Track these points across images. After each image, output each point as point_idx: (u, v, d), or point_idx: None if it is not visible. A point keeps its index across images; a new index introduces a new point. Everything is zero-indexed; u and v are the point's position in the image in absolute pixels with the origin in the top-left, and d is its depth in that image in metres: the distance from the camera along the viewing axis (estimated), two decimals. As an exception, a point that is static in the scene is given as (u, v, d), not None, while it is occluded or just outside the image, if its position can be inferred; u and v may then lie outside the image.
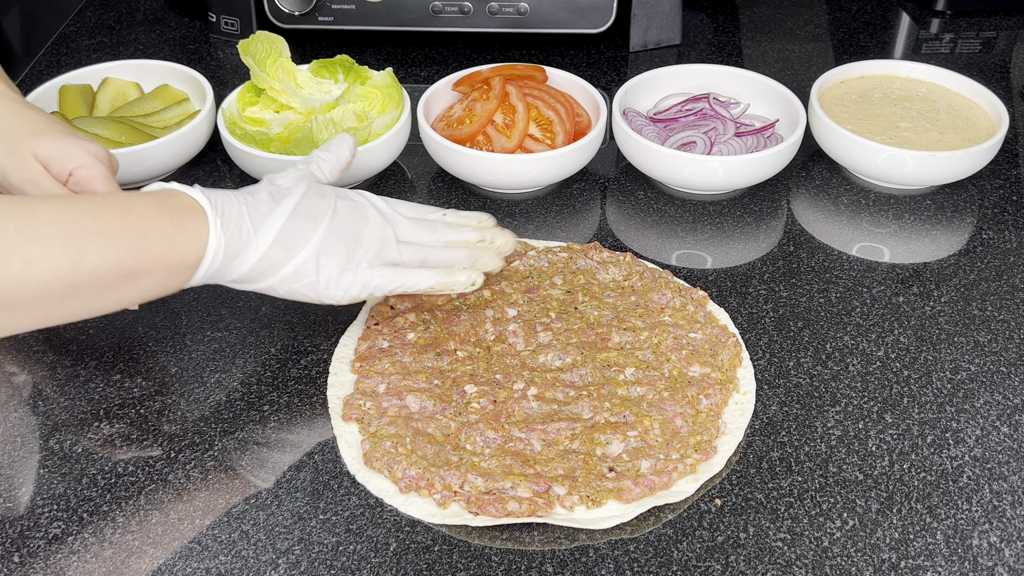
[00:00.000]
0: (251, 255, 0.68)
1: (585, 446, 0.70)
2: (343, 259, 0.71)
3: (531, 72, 1.01)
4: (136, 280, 0.64)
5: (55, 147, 0.75)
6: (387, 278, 0.72)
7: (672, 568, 0.64)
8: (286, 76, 0.96)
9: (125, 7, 1.28)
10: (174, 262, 0.65)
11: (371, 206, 0.74)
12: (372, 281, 0.72)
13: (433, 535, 0.66)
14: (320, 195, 0.73)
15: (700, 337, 0.78)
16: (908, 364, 0.79)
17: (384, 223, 0.74)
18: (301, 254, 0.70)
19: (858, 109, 1.00)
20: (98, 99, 1.01)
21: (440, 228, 0.76)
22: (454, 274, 0.75)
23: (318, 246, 0.70)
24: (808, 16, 1.28)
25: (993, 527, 0.67)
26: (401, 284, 0.73)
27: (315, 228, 0.70)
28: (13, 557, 0.65)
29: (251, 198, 0.70)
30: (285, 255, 0.69)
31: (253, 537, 0.66)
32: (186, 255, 0.66)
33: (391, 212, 0.75)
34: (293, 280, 0.70)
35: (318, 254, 0.70)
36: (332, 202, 0.72)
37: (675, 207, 0.95)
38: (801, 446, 0.72)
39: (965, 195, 0.97)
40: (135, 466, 0.71)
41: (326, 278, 0.71)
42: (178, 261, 0.66)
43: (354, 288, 0.72)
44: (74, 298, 0.62)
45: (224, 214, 0.67)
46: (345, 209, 0.72)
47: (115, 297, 0.65)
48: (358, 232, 0.72)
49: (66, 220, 0.62)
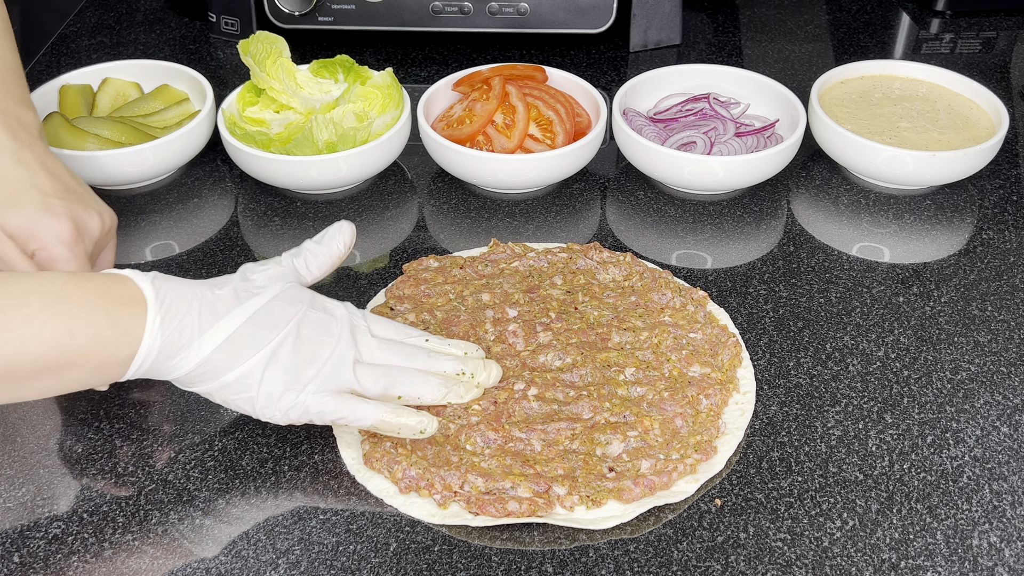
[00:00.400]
0: (191, 358, 0.63)
1: (585, 446, 0.70)
2: (289, 377, 0.65)
3: (531, 72, 1.01)
4: (58, 374, 0.60)
5: (19, 224, 0.71)
6: (329, 406, 0.66)
7: (672, 568, 0.64)
8: (286, 76, 0.96)
9: (125, 7, 1.28)
10: (101, 358, 0.61)
11: (344, 323, 0.68)
12: (313, 408, 0.66)
13: (433, 535, 0.66)
14: (290, 301, 0.67)
15: (700, 337, 0.78)
16: (908, 364, 0.79)
17: (349, 343, 0.67)
18: (247, 364, 0.64)
19: (858, 109, 1.00)
20: (98, 99, 1.01)
21: (416, 354, 0.70)
22: (402, 415, 0.67)
23: (267, 358, 0.65)
24: (808, 16, 1.28)
25: (993, 527, 0.67)
26: (342, 416, 0.66)
27: (269, 338, 0.65)
28: (13, 557, 0.65)
29: (211, 292, 0.65)
30: (229, 362, 0.64)
31: (253, 537, 0.66)
32: (116, 351, 0.61)
33: (363, 330, 0.69)
34: (233, 390, 0.65)
35: (264, 367, 0.65)
36: (300, 312, 0.67)
37: (675, 207, 0.95)
38: (801, 446, 0.72)
39: (965, 195, 0.97)
40: (135, 466, 0.71)
41: (267, 395, 0.65)
42: (106, 357, 0.61)
43: (294, 411, 0.66)
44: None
45: (168, 310, 0.63)
46: (312, 322, 0.67)
47: (37, 387, 0.61)
48: (315, 351, 0.66)
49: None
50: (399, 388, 0.69)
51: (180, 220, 0.94)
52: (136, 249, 0.90)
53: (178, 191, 0.97)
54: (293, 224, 0.93)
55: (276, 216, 0.94)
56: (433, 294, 0.83)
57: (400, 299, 0.82)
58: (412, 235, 0.92)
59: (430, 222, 0.94)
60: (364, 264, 0.89)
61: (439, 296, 0.82)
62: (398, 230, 0.93)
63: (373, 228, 0.93)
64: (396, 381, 0.68)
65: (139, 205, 0.95)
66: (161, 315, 0.62)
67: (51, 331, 0.59)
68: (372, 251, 0.91)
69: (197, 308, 0.64)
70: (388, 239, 0.92)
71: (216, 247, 0.90)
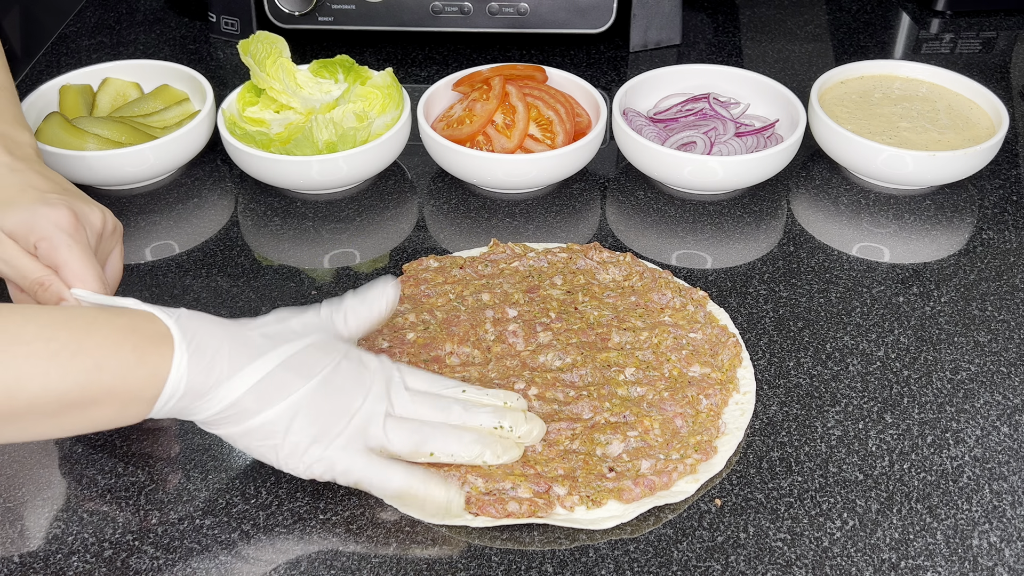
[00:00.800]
0: (220, 399, 0.61)
1: (585, 446, 0.70)
2: (318, 429, 0.62)
3: (531, 72, 1.01)
4: (83, 411, 0.58)
5: (18, 220, 0.69)
6: (356, 465, 0.63)
7: (672, 568, 0.64)
8: (286, 76, 0.96)
9: (125, 7, 1.28)
10: (128, 396, 0.59)
11: (378, 375, 0.65)
12: (338, 465, 0.63)
13: (433, 535, 0.66)
14: (325, 350, 0.64)
15: (700, 337, 0.78)
16: (908, 364, 0.79)
17: (381, 396, 0.64)
18: (274, 409, 0.61)
19: (858, 109, 1.00)
20: (98, 99, 1.01)
21: (451, 406, 0.67)
22: (431, 486, 0.64)
23: (296, 405, 0.62)
24: (808, 16, 1.28)
25: (993, 527, 0.67)
26: (369, 477, 0.64)
27: (301, 384, 0.62)
28: (13, 557, 0.65)
29: (244, 333, 0.62)
30: (257, 406, 0.61)
31: (253, 537, 0.66)
32: (143, 389, 0.59)
33: (397, 383, 0.66)
34: (257, 436, 0.62)
35: (294, 415, 0.62)
36: (335, 361, 0.64)
37: (675, 207, 0.95)
38: (801, 446, 0.72)
39: (965, 195, 0.97)
40: (135, 466, 0.71)
41: (292, 445, 0.62)
42: (133, 395, 0.59)
43: (318, 466, 0.63)
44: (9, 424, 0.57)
45: (197, 350, 0.60)
46: (344, 372, 0.64)
47: (61, 424, 0.59)
48: (348, 403, 0.63)
49: (15, 341, 0.56)
50: (431, 445, 0.65)
51: (180, 220, 0.94)
52: (136, 249, 0.90)
53: (178, 191, 0.97)
54: (293, 224, 0.93)
55: (276, 216, 0.94)
56: (433, 294, 0.83)
57: (400, 299, 0.82)
58: (412, 235, 0.92)
59: (430, 222, 0.94)
60: (364, 264, 0.89)
61: (439, 296, 0.82)
62: (398, 230, 0.93)
63: (373, 228, 0.93)
64: (428, 438, 0.65)
65: (139, 205, 0.95)
66: (189, 354, 0.60)
67: (78, 366, 0.57)
68: (372, 251, 0.91)
69: (228, 349, 0.61)
70: (388, 239, 0.92)
71: (216, 247, 0.90)
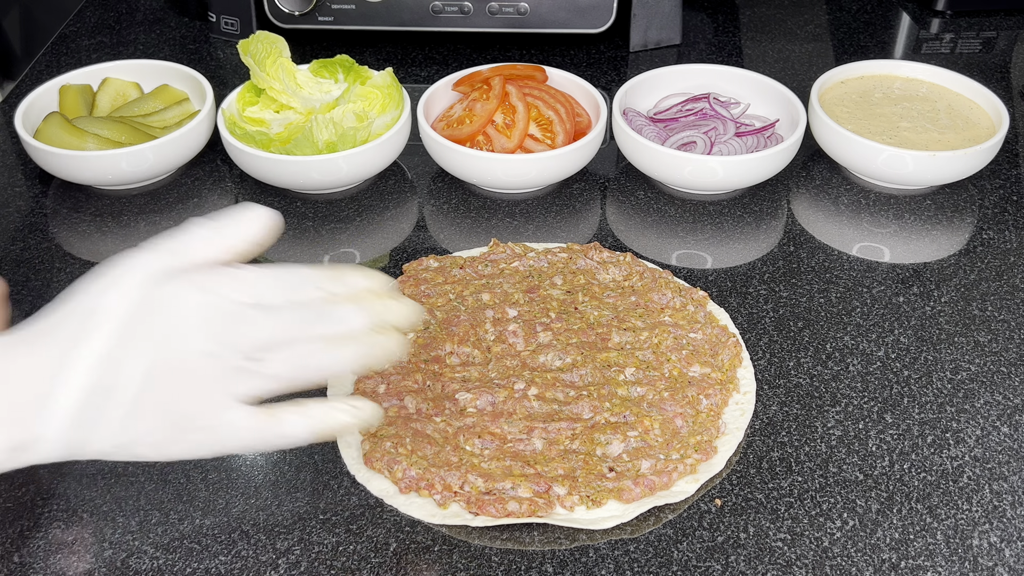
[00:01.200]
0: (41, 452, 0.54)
1: (585, 446, 0.70)
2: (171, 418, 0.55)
3: (531, 72, 1.01)
4: None
5: None
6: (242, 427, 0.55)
7: (672, 568, 0.64)
8: (286, 76, 0.96)
9: (125, 7, 1.28)
10: None
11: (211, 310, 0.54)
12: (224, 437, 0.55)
13: (433, 535, 0.66)
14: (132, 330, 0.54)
15: (700, 337, 0.78)
16: (908, 364, 0.79)
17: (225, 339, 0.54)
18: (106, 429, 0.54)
19: (858, 109, 1.00)
20: (98, 99, 1.01)
21: (314, 323, 0.56)
22: (331, 414, 0.57)
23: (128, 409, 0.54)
24: (808, 16, 1.28)
25: (993, 527, 0.67)
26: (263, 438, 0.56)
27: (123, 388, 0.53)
28: (13, 557, 0.65)
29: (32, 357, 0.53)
30: (83, 435, 0.54)
31: (253, 537, 0.66)
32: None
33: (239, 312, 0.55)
34: (118, 454, 0.55)
35: (132, 421, 0.54)
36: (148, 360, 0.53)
37: (675, 207, 0.95)
38: (801, 446, 0.72)
39: (965, 195, 0.97)
40: (135, 466, 0.71)
41: (154, 445, 0.55)
42: None
43: (203, 449, 0.56)
44: None
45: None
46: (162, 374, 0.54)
47: None
48: (188, 368, 0.54)
49: None
50: (308, 372, 0.56)
51: (180, 220, 0.93)
52: (136, 249, 0.90)
53: (178, 191, 0.97)
54: (293, 224, 0.93)
55: (276, 216, 0.94)
56: (433, 294, 0.83)
57: (400, 299, 0.82)
58: (412, 235, 0.92)
59: (430, 222, 0.94)
60: (364, 264, 0.89)
61: (439, 296, 0.82)
62: (398, 230, 0.93)
63: (373, 228, 0.93)
64: (301, 365, 0.56)
65: (139, 205, 0.95)
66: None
67: None
68: (372, 251, 0.91)
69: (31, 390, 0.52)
70: (388, 239, 0.92)
71: (216, 247, 0.90)
